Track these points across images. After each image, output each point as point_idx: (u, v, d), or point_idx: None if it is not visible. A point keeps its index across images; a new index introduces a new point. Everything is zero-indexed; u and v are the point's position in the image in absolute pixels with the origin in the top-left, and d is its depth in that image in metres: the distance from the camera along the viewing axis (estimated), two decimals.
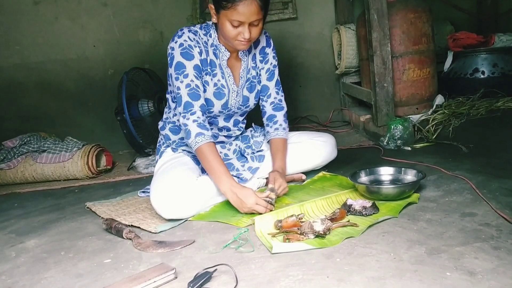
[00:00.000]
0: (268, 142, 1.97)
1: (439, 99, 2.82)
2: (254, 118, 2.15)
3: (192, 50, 1.74)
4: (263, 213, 1.59)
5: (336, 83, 3.50)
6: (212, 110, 1.84)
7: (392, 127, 2.39)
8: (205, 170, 1.74)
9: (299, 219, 1.46)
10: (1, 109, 3.24)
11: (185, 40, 1.74)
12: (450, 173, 1.85)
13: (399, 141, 2.37)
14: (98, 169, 2.63)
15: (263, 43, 1.92)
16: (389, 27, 2.51)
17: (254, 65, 1.92)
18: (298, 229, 1.42)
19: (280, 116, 1.96)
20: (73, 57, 3.26)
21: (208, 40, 1.80)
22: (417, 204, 1.58)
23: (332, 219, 1.47)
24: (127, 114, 2.65)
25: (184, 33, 1.75)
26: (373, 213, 1.52)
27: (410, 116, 2.62)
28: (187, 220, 1.68)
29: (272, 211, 1.60)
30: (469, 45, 3.16)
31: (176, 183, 1.68)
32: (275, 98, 1.96)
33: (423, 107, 2.78)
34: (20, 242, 1.69)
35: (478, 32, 3.31)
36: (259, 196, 1.63)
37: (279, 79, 1.97)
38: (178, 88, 1.73)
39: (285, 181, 1.77)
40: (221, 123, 1.93)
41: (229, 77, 1.85)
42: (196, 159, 1.84)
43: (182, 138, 1.94)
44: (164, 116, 2.01)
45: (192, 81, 1.72)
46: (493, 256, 1.15)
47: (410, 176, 1.76)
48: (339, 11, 3.32)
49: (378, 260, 1.20)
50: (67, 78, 3.28)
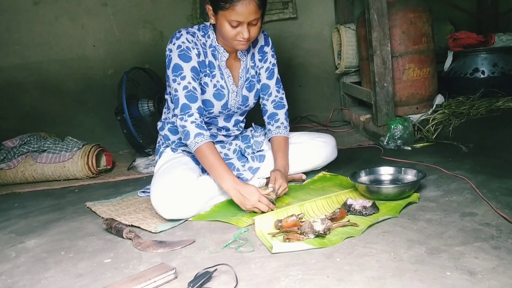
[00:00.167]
0: (269, 140, 1.97)
1: (439, 98, 2.82)
2: (254, 117, 2.15)
3: (189, 52, 1.73)
4: (265, 211, 1.59)
5: (336, 82, 3.50)
6: (212, 111, 1.84)
7: (392, 127, 2.39)
8: (205, 170, 1.74)
9: (299, 219, 1.46)
10: (1, 109, 3.24)
11: (183, 42, 1.73)
12: (450, 172, 1.85)
13: (399, 141, 2.37)
14: (98, 169, 2.63)
15: (261, 42, 1.92)
16: (389, 27, 2.51)
17: (253, 64, 1.92)
18: (298, 229, 1.42)
19: (282, 114, 1.96)
20: (73, 57, 3.25)
21: (206, 41, 1.80)
22: (417, 204, 1.58)
23: (332, 219, 1.47)
24: (127, 114, 2.65)
25: (182, 34, 1.75)
26: (373, 213, 1.52)
27: (410, 116, 2.62)
28: (187, 220, 1.68)
29: (272, 211, 1.60)
30: (469, 45, 3.16)
31: (176, 183, 1.68)
32: (276, 96, 1.96)
33: (423, 106, 2.78)
34: (20, 242, 1.69)
35: (478, 32, 3.31)
36: (262, 194, 1.63)
37: (279, 77, 1.97)
38: (176, 90, 1.72)
39: (285, 181, 1.78)
40: (221, 123, 1.93)
41: (228, 77, 1.85)
42: (196, 159, 1.84)
43: (181, 138, 1.94)
44: (163, 116, 2.01)
45: (189, 83, 1.72)
46: (493, 256, 1.15)
47: (410, 175, 1.76)
48: (339, 10, 3.33)
49: (378, 260, 1.20)
50: (67, 78, 3.28)
